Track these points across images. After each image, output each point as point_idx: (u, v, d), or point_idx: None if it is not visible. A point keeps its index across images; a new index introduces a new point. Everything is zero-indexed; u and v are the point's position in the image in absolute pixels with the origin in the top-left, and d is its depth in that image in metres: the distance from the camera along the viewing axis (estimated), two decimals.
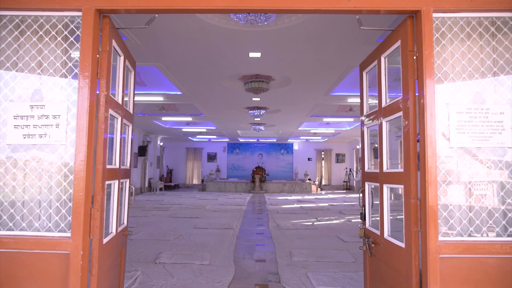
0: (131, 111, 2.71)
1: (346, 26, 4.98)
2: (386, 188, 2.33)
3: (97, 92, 1.90)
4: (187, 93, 9.16)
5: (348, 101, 9.92)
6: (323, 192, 20.69)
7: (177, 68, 6.99)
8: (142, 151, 18.04)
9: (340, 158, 24.26)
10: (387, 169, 2.33)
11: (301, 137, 21.03)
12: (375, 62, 2.47)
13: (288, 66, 6.80)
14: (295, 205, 12.86)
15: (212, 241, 6.41)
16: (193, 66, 6.83)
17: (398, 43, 2.06)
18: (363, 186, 2.76)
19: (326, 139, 21.93)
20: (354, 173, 22.37)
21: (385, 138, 2.34)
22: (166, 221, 8.76)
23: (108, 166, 2.04)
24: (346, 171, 22.94)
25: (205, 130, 17.77)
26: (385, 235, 2.28)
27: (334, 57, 6.25)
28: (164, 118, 13.69)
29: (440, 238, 1.80)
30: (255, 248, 6.05)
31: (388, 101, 2.35)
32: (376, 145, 2.66)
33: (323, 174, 24.03)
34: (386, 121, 2.34)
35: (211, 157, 24.45)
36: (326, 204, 13.26)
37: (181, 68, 6.94)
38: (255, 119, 13.60)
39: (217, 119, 13.82)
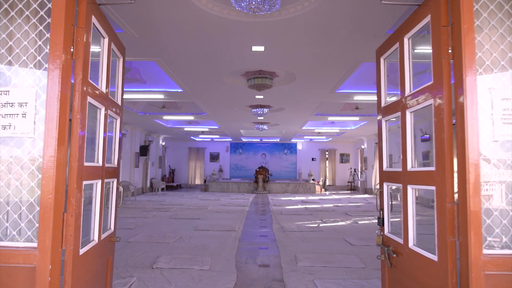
0: (119, 102, 2.41)
1: (354, 17, 4.66)
2: (411, 190, 2.02)
3: (73, 77, 1.61)
4: (188, 91, 8.87)
5: (354, 98, 9.59)
6: (327, 192, 20.34)
7: (177, 64, 6.69)
8: (143, 150, 17.78)
9: (344, 158, 23.90)
10: (412, 167, 2.01)
11: (305, 137, 20.70)
12: (396, 46, 2.16)
13: (292, 61, 6.49)
14: (299, 206, 12.54)
15: (213, 244, 6.11)
16: (194, 61, 6.53)
17: (428, 18, 1.76)
18: (381, 187, 2.45)
19: (331, 138, 21.58)
20: (359, 173, 22.00)
21: (409, 132, 2.03)
22: (166, 223, 8.47)
23: (87, 164, 1.75)
24: (351, 172, 22.58)
25: (207, 130, 17.49)
26: (410, 244, 1.96)
27: (341, 51, 5.93)
28: (165, 117, 13.42)
29: (485, 251, 1.48)
30: (258, 251, 5.75)
31: (413, 89, 2.03)
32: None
33: (327, 175, 23.68)
34: (411, 112, 2.03)
35: (214, 157, 24.17)
36: (331, 205, 12.93)
37: (181, 63, 6.65)
38: (258, 118, 13.29)
39: (220, 118, 13.52)
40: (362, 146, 20.92)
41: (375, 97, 9.46)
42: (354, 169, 22.15)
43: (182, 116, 13.17)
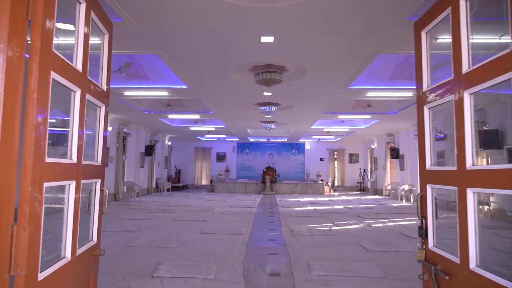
0: (104, 87, 2.00)
1: (373, 2, 4.22)
2: (472, 195, 1.56)
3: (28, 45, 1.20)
4: (193, 87, 8.48)
5: (367, 95, 9.11)
6: (335, 193, 19.84)
7: (181, 57, 6.30)
8: (149, 150, 17.47)
9: (353, 158, 23.37)
10: (473, 165, 1.56)
11: (313, 136, 20.23)
12: (446, 12, 1.71)
13: (303, 53, 6.05)
14: (309, 208, 12.08)
15: (219, 249, 5.71)
16: (199, 54, 6.13)
17: None
18: (421, 189, 2.00)
19: (339, 138, 21.08)
20: (368, 173, 21.46)
21: (468, 118, 1.58)
22: (170, 225, 8.08)
23: (51, 160, 1.34)
24: (360, 172, 22.05)
25: (214, 129, 17.11)
26: (471, 265, 1.52)
27: (357, 41, 5.49)
28: (170, 116, 13.06)
29: None
30: (267, 258, 5.32)
31: (472, 64, 1.59)
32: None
33: (336, 175, 23.17)
34: (470, 94, 1.58)
35: (220, 157, 23.81)
36: (342, 207, 12.45)
37: (185, 56, 6.25)
38: (266, 116, 12.87)
39: (226, 116, 13.12)
40: (372, 146, 20.39)
41: (389, 94, 8.98)
42: (364, 170, 21.62)
43: (188, 114, 12.79)
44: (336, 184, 22.85)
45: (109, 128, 13.09)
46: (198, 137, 21.47)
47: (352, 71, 7.08)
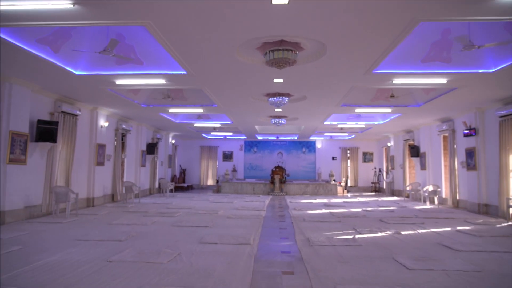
0: None
1: None
2: None
3: None
4: (193, 72, 7.38)
5: (393, 82, 7.91)
6: (349, 194, 18.62)
7: (173, 29, 5.19)
8: (151, 148, 16.46)
9: (367, 157, 22.11)
10: None
11: (325, 134, 19.03)
12: None
13: (323, 21, 4.89)
14: (323, 211, 10.91)
15: (220, 265, 4.59)
16: (194, 25, 5.02)
17: None
18: None
19: (353, 136, 19.84)
20: (384, 173, 20.18)
21: None
22: (167, 232, 6.99)
23: None
24: (375, 172, 20.77)
25: (219, 126, 16.02)
26: None
27: (394, 3, 4.32)
28: (171, 110, 12.00)
29: None
30: (281, 279, 4.18)
31: None
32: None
33: (349, 175, 21.92)
34: None
35: (227, 156, 22.74)
36: (360, 210, 11.25)
37: (178, 28, 5.14)
38: (276, 110, 11.74)
39: (232, 110, 12.01)
40: (388, 144, 19.11)
41: (419, 80, 7.77)
42: (379, 169, 20.33)
43: (190, 108, 11.71)
44: (348, 184, 21.60)
45: (105, 124, 12.07)
46: (204, 135, 20.43)
47: (381, 48, 5.91)
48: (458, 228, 7.73)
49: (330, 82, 8.13)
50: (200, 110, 11.97)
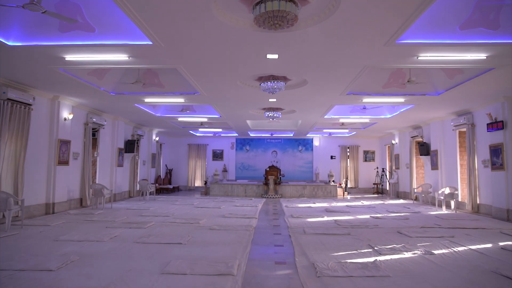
0: None
1: None
2: None
3: None
4: (160, 42, 5.64)
5: (419, 58, 6.23)
6: (349, 196, 16.99)
7: None
8: (130, 146, 14.67)
9: (368, 156, 20.51)
10: None
11: (324, 130, 17.37)
12: None
13: None
14: (325, 218, 9.23)
15: None
16: None
17: None
18: None
19: (354, 132, 18.22)
20: (387, 173, 18.58)
21: None
22: (124, 254, 5.24)
23: None
24: (378, 172, 19.15)
25: (206, 120, 14.27)
26: None
27: None
28: (148, 100, 10.22)
29: None
30: None
31: None
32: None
33: (349, 175, 20.28)
34: None
35: (217, 155, 21.00)
36: (368, 217, 9.60)
37: None
38: (270, 99, 10.03)
39: (219, 101, 10.29)
40: (393, 142, 17.50)
41: (453, 54, 6.10)
42: (383, 169, 18.71)
43: (169, 98, 9.95)
44: (348, 185, 19.96)
45: (69, 116, 10.26)
46: (191, 131, 18.68)
47: (410, 9, 4.22)
48: (501, 244, 6.09)
49: (339, 59, 6.44)
50: (181, 100, 10.21)
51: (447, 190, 11.12)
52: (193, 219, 8.73)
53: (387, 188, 18.74)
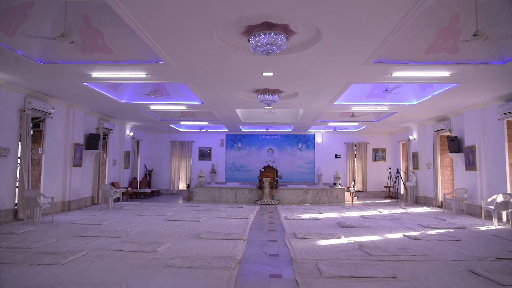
0: None
1: None
2: None
3: None
4: None
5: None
6: (357, 202, 14.27)
7: None
8: (93, 142, 11.85)
9: (378, 154, 17.80)
10: None
11: (330, 124, 14.62)
12: None
13: None
14: (344, 240, 6.49)
15: None
16: None
17: None
18: None
19: (364, 127, 15.51)
20: (402, 175, 15.87)
21: None
22: None
23: None
24: (390, 173, 16.42)
25: (185, 109, 11.47)
26: None
27: None
28: (95, 74, 7.39)
29: None
30: None
31: None
32: None
33: (356, 177, 17.56)
34: None
35: (204, 154, 18.19)
36: (400, 236, 6.91)
37: None
38: (265, 73, 7.25)
39: (194, 75, 7.48)
40: (410, 137, 14.80)
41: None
42: (397, 169, 15.98)
43: (122, 70, 7.12)
44: (355, 188, 17.23)
45: None
46: (172, 125, 15.87)
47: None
48: None
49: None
50: (141, 74, 7.37)
51: (499, 198, 8.39)
52: (152, 243, 5.93)
53: (402, 192, 16.04)
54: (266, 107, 11.16)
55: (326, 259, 5.01)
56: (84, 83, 8.11)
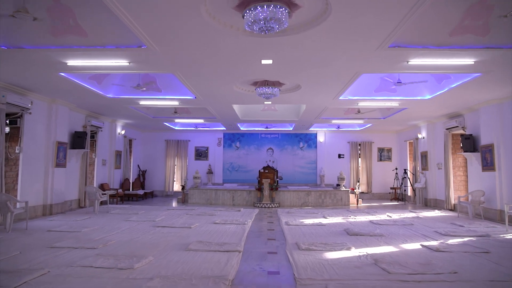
0: None
1: None
2: None
3: None
4: None
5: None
6: (363, 205, 13.41)
7: None
8: (79, 140, 11.00)
9: (384, 154, 16.93)
10: None
11: (333, 121, 13.76)
12: None
13: None
14: (354, 252, 5.63)
15: None
16: None
17: None
18: None
19: (369, 125, 14.64)
20: (409, 175, 14.99)
21: None
22: None
23: None
24: (397, 174, 15.53)
25: (178, 104, 10.60)
26: None
27: None
28: (71, 63, 6.52)
29: None
30: None
31: None
32: None
33: (361, 178, 16.68)
34: None
35: (201, 154, 17.32)
36: (418, 246, 6.07)
37: None
38: (263, 61, 6.39)
39: (180, 60, 6.62)
40: (419, 135, 13.93)
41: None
42: (404, 170, 15.10)
43: (99, 57, 6.25)
44: (359, 190, 16.35)
45: None
46: (166, 123, 15.01)
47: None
48: None
49: None
50: (123, 63, 6.50)
51: None
52: (131, 256, 5.05)
53: (409, 194, 15.18)
54: (265, 102, 10.29)
55: (337, 280, 4.14)
56: (62, 74, 7.24)
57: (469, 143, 10.42)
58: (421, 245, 6.16)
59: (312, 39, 5.23)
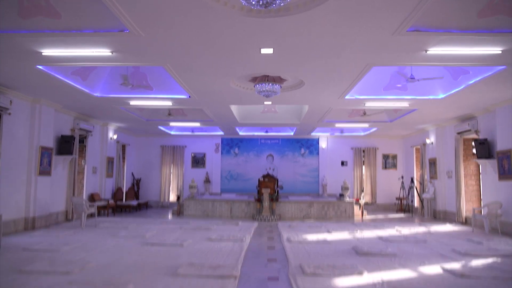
0: None
1: None
2: None
3: None
4: None
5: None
6: (366, 217, 12.68)
7: None
8: (65, 145, 10.28)
9: (389, 161, 16.21)
10: None
11: (337, 125, 13.07)
12: None
13: None
14: (367, 278, 4.90)
15: None
16: None
17: None
18: None
19: (375, 129, 13.92)
20: (416, 184, 14.23)
21: None
22: None
23: None
24: (403, 183, 14.77)
25: (171, 104, 9.90)
26: None
27: None
28: (46, 52, 5.85)
29: None
30: None
31: None
32: None
33: (365, 187, 15.93)
34: None
35: (198, 161, 16.59)
36: (440, 271, 5.33)
37: None
38: (263, 49, 5.69)
39: (169, 48, 5.93)
40: (427, 141, 13.23)
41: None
42: (411, 179, 14.35)
43: (80, 46, 5.58)
44: (364, 200, 15.59)
45: None
46: (161, 127, 14.32)
47: None
48: None
49: None
50: (105, 52, 5.77)
51: None
52: (108, 285, 4.31)
53: (416, 205, 14.41)
54: (265, 102, 9.60)
55: None
56: (40, 67, 6.53)
57: (484, 148, 9.70)
58: (442, 268, 5.41)
59: (318, 21, 4.53)
